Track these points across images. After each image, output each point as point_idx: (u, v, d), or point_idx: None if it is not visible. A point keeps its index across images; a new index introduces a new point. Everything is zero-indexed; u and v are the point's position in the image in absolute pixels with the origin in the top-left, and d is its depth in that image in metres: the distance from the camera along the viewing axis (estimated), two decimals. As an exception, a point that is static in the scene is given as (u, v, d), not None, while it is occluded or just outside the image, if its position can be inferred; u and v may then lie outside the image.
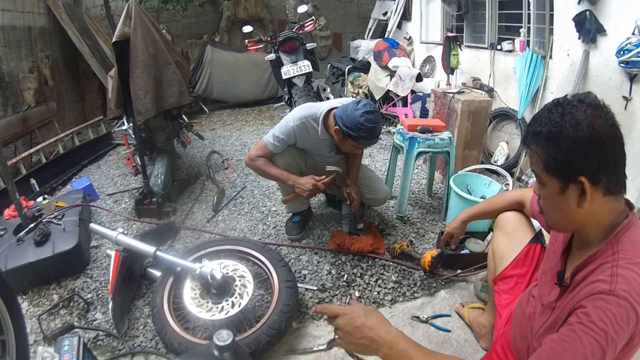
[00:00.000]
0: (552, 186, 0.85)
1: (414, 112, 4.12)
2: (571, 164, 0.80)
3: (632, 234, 0.82)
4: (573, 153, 0.79)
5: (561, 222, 0.91)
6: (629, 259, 0.78)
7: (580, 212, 0.83)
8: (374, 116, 1.80)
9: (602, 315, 0.73)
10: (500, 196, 1.50)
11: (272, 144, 1.98)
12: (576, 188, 0.81)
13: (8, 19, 3.98)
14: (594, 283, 0.79)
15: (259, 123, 4.97)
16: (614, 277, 0.76)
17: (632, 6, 2.20)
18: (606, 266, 0.79)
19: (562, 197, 0.84)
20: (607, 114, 0.82)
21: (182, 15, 6.61)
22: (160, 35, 2.66)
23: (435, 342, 1.59)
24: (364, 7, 7.42)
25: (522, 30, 3.25)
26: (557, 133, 0.81)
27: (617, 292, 0.73)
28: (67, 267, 2.00)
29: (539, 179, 0.89)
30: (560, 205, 0.85)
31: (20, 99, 4.12)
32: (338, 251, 2.12)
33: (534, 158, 0.87)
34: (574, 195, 0.82)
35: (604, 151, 0.79)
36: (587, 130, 0.78)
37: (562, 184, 0.83)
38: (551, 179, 0.84)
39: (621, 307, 0.72)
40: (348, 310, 0.89)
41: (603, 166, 0.79)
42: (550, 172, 0.84)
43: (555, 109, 0.83)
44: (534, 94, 3.01)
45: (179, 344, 1.46)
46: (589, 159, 0.79)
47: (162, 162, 2.82)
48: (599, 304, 0.74)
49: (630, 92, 2.24)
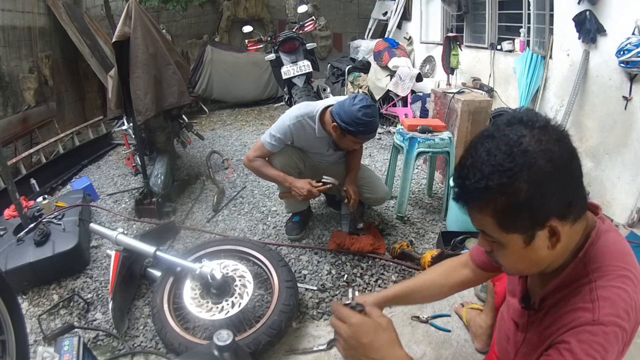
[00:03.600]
0: (513, 243, 0.69)
1: (414, 112, 4.13)
2: (536, 212, 0.65)
3: (602, 244, 0.73)
4: (536, 200, 0.63)
5: (528, 269, 0.78)
6: (606, 275, 0.69)
7: (552, 253, 0.70)
8: (371, 110, 1.81)
9: (588, 349, 0.65)
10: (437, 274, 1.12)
11: (269, 143, 1.99)
12: (545, 233, 0.67)
13: (8, 19, 3.98)
14: (573, 312, 0.69)
15: (259, 123, 4.96)
16: (595, 303, 0.67)
17: (632, 6, 2.20)
18: (584, 290, 0.70)
19: (528, 249, 0.69)
20: (557, 131, 0.67)
21: (182, 15, 6.61)
22: (160, 35, 2.66)
23: (435, 342, 1.59)
24: (364, 7, 7.42)
25: (522, 30, 3.26)
26: (510, 183, 0.63)
27: (602, 320, 0.65)
28: (67, 267, 2.00)
29: (490, 239, 0.73)
30: (526, 256, 0.71)
31: (20, 99, 4.12)
32: (338, 251, 2.12)
33: (482, 220, 0.70)
34: (543, 242, 0.68)
35: (571, 180, 0.66)
36: (547, 166, 0.63)
37: (526, 237, 0.68)
38: (511, 237, 0.69)
39: (609, 334, 0.65)
40: (357, 322, 0.78)
41: (573, 197, 0.67)
42: (509, 231, 0.68)
43: (496, 147, 0.65)
44: (534, 94, 3.01)
45: (179, 344, 1.46)
46: (556, 198, 0.65)
47: (162, 162, 2.81)
48: (584, 337, 0.65)
49: (630, 92, 2.24)
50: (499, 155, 0.64)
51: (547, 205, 0.65)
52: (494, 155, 0.64)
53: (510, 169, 0.63)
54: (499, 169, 0.63)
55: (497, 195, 0.65)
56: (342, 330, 0.79)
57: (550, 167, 0.63)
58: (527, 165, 0.62)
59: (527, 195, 0.63)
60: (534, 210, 0.65)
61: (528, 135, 0.64)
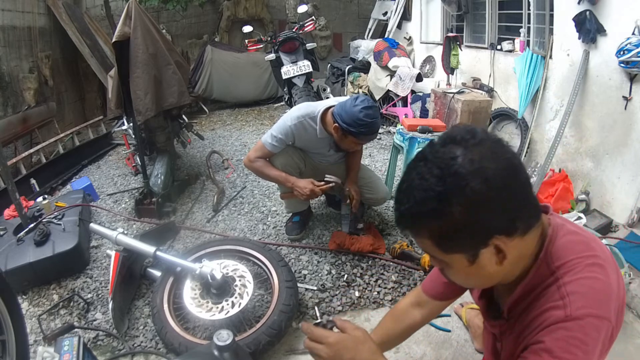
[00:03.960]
0: (457, 263, 0.69)
1: (414, 112, 4.13)
2: (474, 233, 0.64)
3: (562, 239, 0.71)
4: (473, 222, 0.62)
5: (481, 285, 0.78)
6: (572, 269, 0.68)
7: (502, 268, 0.68)
8: (373, 111, 1.81)
9: (565, 345, 0.63)
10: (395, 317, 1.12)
11: (270, 144, 1.99)
12: (490, 250, 0.65)
13: (8, 19, 3.98)
14: (545, 313, 0.67)
15: (259, 123, 4.96)
16: (565, 299, 0.65)
17: (632, 6, 2.20)
18: (551, 289, 0.68)
19: (474, 267, 0.68)
20: (495, 146, 0.64)
21: (182, 15, 6.61)
22: (160, 35, 2.66)
23: (435, 342, 1.59)
24: (364, 7, 7.41)
25: (522, 30, 3.25)
26: (442, 207, 0.61)
27: (576, 315, 0.63)
28: (67, 267, 2.00)
29: (437, 262, 0.73)
30: (473, 273, 0.70)
31: (20, 99, 4.12)
32: (338, 251, 2.12)
33: (422, 243, 0.69)
34: (489, 259, 0.66)
35: (511, 197, 0.63)
36: (482, 187, 0.60)
37: (469, 256, 0.66)
38: (453, 257, 0.68)
39: (586, 327, 0.63)
40: (334, 340, 0.76)
41: (516, 212, 0.64)
42: (450, 252, 0.67)
43: (428, 171, 0.63)
44: (534, 94, 3.01)
45: (179, 344, 1.46)
46: (495, 216, 0.63)
47: (162, 162, 2.81)
48: (559, 334, 0.64)
49: (630, 92, 2.24)
50: (431, 179, 0.62)
51: (485, 225, 0.63)
52: (425, 180, 0.63)
53: (441, 192, 0.61)
54: (430, 194, 0.62)
55: (431, 220, 0.64)
56: (321, 351, 0.76)
57: (485, 187, 0.60)
58: (459, 188, 0.60)
59: (461, 218, 0.61)
60: (472, 232, 0.63)
61: (460, 156, 0.62)
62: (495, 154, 0.63)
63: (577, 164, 2.70)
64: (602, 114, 2.47)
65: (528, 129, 3.06)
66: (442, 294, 1.03)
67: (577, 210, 2.38)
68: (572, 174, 2.70)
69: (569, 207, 2.52)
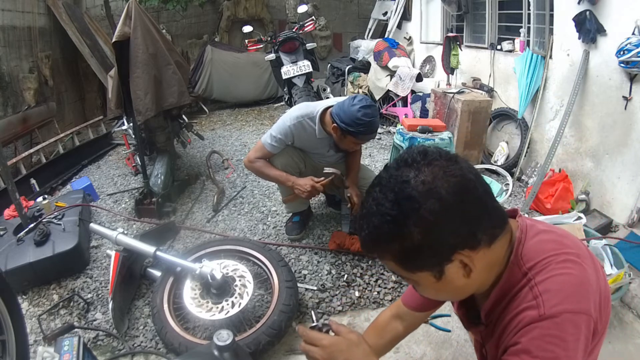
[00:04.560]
0: (425, 280, 0.70)
1: (414, 112, 4.12)
2: (435, 251, 0.65)
3: (532, 241, 0.71)
4: (432, 240, 0.63)
5: (455, 297, 0.80)
6: (544, 268, 0.67)
7: (471, 280, 0.69)
8: (371, 110, 1.81)
9: (542, 344, 0.62)
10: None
11: (270, 144, 1.99)
12: (455, 264, 0.66)
13: (8, 19, 3.98)
14: (520, 314, 0.67)
15: (259, 123, 4.96)
16: (538, 298, 0.65)
17: (632, 6, 2.20)
18: (524, 291, 0.68)
19: (442, 282, 0.68)
20: (447, 164, 0.65)
21: (182, 15, 6.61)
22: (160, 35, 2.66)
23: (435, 342, 1.59)
24: (364, 7, 7.41)
25: (522, 30, 3.25)
26: (399, 230, 0.63)
27: (550, 313, 0.63)
28: (67, 267, 2.00)
29: (404, 279, 0.74)
30: (443, 289, 0.71)
31: (20, 99, 4.12)
32: (338, 251, 2.12)
33: (387, 264, 0.71)
34: (456, 273, 0.67)
35: (468, 211, 0.64)
36: (436, 206, 0.61)
37: (435, 272, 0.67)
38: (420, 275, 0.69)
39: (562, 324, 0.62)
40: (329, 343, 0.78)
41: (476, 226, 0.65)
42: (415, 271, 0.68)
43: (383, 197, 0.64)
44: (534, 94, 3.01)
45: (179, 344, 1.46)
46: (455, 233, 0.64)
47: (162, 162, 2.82)
48: (535, 334, 0.63)
49: (630, 92, 2.24)
50: (386, 204, 0.64)
51: (446, 242, 0.64)
52: (381, 205, 0.64)
53: (396, 216, 0.63)
54: (386, 219, 0.63)
55: (391, 244, 0.65)
56: (316, 354, 0.78)
57: (439, 207, 0.61)
58: (413, 210, 0.62)
59: (420, 238, 0.63)
60: (434, 251, 0.64)
61: (413, 179, 0.63)
62: (447, 172, 0.64)
63: (577, 164, 2.70)
64: (602, 114, 2.47)
65: (528, 129, 3.06)
66: (421, 306, 1.04)
67: (577, 210, 2.38)
68: (572, 174, 2.70)
69: (569, 207, 2.52)
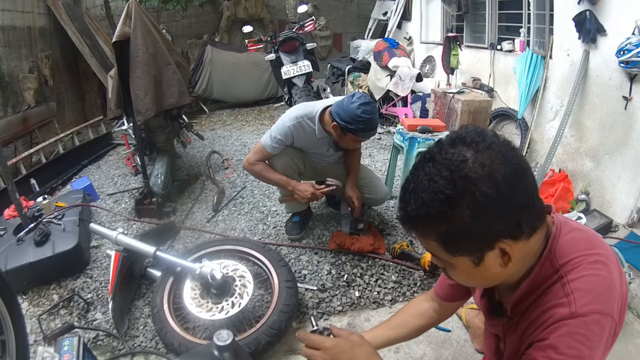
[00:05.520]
0: (462, 264, 0.68)
1: (414, 112, 4.12)
2: (481, 236, 0.63)
3: (566, 238, 0.71)
4: (480, 225, 0.61)
5: (483, 285, 0.80)
6: (576, 267, 0.67)
7: (506, 269, 0.68)
8: (370, 107, 1.81)
9: (570, 342, 0.63)
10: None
11: (270, 145, 1.99)
12: (495, 252, 0.65)
13: (8, 19, 3.98)
14: (550, 310, 0.67)
15: (259, 123, 4.96)
16: (570, 296, 0.65)
17: (632, 6, 2.20)
18: (556, 287, 0.68)
19: (479, 268, 0.67)
20: (504, 149, 0.64)
21: (182, 15, 6.61)
22: (160, 35, 2.66)
23: (435, 342, 1.59)
24: (364, 7, 7.41)
25: (522, 30, 3.25)
26: (451, 210, 0.61)
27: (581, 312, 0.63)
28: (67, 267, 2.00)
29: (440, 262, 0.72)
30: (478, 275, 0.70)
31: (20, 99, 4.12)
32: (338, 251, 2.12)
33: (427, 244, 0.69)
34: (494, 261, 0.66)
35: (518, 200, 0.63)
36: (491, 191, 0.60)
37: (475, 258, 0.66)
38: (459, 259, 0.67)
39: (590, 324, 0.63)
40: (331, 345, 0.78)
41: (522, 216, 0.64)
42: (455, 254, 0.67)
43: (437, 173, 0.62)
44: (534, 94, 3.01)
45: (179, 344, 1.46)
46: (503, 220, 0.62)
47: (162, 162, 2.82)
48: (563, 331, 0.64)
49: (630, 92, 2.24)
50: (440, 181, 0.61)
51: (492, 229, 0.63)
52: (434, 182, 0.62)
53: (450, 196, 0.60)
54: (439, 196, 0.61)
55: (439, 222, 0.63)
56: (318, 357, 0.78)
57: (494, 192, 0.60)
58: (469, 192, 0.60)
59: (469, 221, 0.61)
60: (480, 236, 0.63)
61: (471, 159, 0.61)
62: (506, 158, 0.62)
63: (577, 164, 2.70)
64: (602, 114, 2.47)
65: (528, 129, 3.06)
66: (448, 296, 1.04)
67: (577, 210, 2.38)
68: (572, 173, 2.70)
69: (569, 207, 2.52)
